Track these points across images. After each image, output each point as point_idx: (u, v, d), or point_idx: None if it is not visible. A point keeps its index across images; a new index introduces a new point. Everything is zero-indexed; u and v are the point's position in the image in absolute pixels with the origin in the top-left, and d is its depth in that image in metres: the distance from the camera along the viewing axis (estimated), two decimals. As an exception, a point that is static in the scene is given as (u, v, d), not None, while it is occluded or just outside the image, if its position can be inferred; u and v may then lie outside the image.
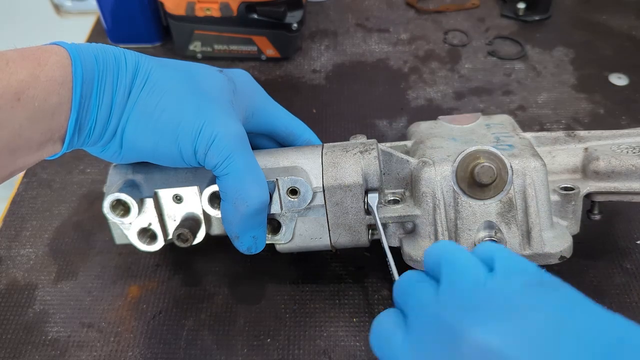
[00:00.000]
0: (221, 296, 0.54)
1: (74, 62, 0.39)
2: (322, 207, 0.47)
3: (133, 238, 0.49)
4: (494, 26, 0.85)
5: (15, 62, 0.37)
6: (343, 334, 0.50)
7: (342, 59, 0.81)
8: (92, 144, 0.43)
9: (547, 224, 0.45)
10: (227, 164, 0.43)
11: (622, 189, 0.47)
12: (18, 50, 0.38)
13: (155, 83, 0.43)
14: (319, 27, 0.87)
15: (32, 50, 0.38)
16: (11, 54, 0.37)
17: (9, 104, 0.36)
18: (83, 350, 0.50)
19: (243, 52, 0.80)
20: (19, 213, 0.62)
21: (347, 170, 0.47)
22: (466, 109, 0.72)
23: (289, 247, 0.50)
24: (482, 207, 0.45)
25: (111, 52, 0.42)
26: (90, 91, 0.40)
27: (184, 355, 0.49)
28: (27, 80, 0.37)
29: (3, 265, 0.57)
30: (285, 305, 0.53)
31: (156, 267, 0.56)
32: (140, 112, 0.42)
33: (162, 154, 0.44)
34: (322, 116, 0.72)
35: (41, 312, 0.53)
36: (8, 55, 0.37)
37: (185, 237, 0.48)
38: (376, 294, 0.53)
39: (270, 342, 0.50)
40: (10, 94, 0.36)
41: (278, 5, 0.76)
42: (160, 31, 0.84)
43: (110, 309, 0.53)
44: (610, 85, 0.74)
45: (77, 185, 0.65)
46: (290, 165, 0.47)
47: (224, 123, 0.43)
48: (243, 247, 0.46)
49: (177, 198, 0.48)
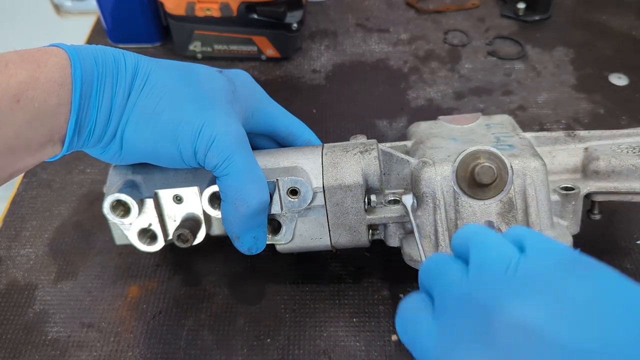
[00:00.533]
0: (221, 296, 0.54)
1: (73, 64, 0.39)
2: (323, 208, 0.47)
3: (133, 238, 0.49)
4: (494, 26, 0.85)
5: (14, 64, 0.37)
6: (343, 334, 0.50)
7: (342, 59, 0.81)
8: (92, 146, 0.43)
9: (547, 224, 0.45)
10: (227, 164, 0.43)
11: (622, 188, 0.47)
12: (17, 52, 0.38)
13: (154, 84, 0.43)
14: (319, 27, 0.87)
15: (31, 52, 0.38)
16: (10, 56, 0.37)
17: (8, 106, 0.36)
18: (83, 350, 0.50)
19: (243, 52, 0.80)
20: (19, 213, 0.62)
21: (347, 171, 0.47)
22: (466, 109, 0.72)
23: (289, 247, 0.50)
24: (482, 207, 0.45)
25: (110, 53, 0.42)
26: (89, 92, 0.40)
27: (184, 355, 0.49)
28: (26, 81, 0.37)
29: (3, 265, 0.57)
30: (285, 305, 0.53)
31: (156, 267, 0.56)
32: (140, 113, 0.42)
33: (162, 155, 0.44)
34: (322, 116, 0.72)
35: (41, 312, 0.53)
36: (7, 57, 0.37)
37: (185, 237, 0.48)
38: (376, 294, 0.53)
39: (270, 342, 0.50)
40: (9, 95, 0.36)
41: (278, 5, 0.76)
42: (160, 31, 0.84)
43: (110, 309, 0.53)
44: (610, 85, 0.74)
45: (77, 185, 0.65)
46: (291, 165, 0.47)
47: (223, 123, 0.43)
48: (244, 247, 0.46)
49: (177, 198, 0.48)
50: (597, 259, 0.57)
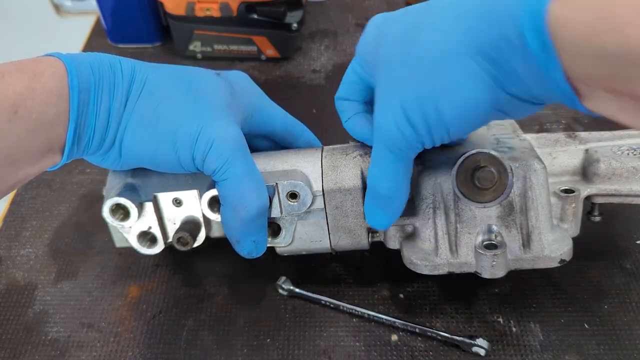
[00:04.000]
0: (221, 296, 0.54)
1: (69, 73, 0.39)
2: (322, 211, 0.47)
3: (133, 241, 0.49)
4: (494, 26, 0.85)
5: (11, 75, 0.37)
6: (343, 334, 0.50)
7: (342, 59, 0.81)
8: (91, 153, 0.43)
9: (547, 226, 0.45)
10: (225, 169, 0.43)
11: (622, 190, 0.47)
12: (13, 62, 0.38)
13: (151, 90, 0.43)
14: (319, 27, 0.87)
15: (27, 62, 0.39)
16: (7, 67, 0.37)
17: (7, 117, 0.36)
18: (83, 350, 0.50)
19: (243, 52, 0.80)
20: (19, 213, 0.62)
21: (347, 174, 0.46)
22: (466, 110, 0.72)
23: (289, 250, 0.50)
24: (482, 211, 0.45)
25: (107, 60, 0.42)
26: (87, 101, 0.40)
27: (184, 355, 0.50)
28: (23, 92, 0.37)
29: (3, 265, 0.57)
30: (285, 305, 0.53)
31: (156, 268, 0.56)
32: (137, 120, 0.43)
33: (161, 161, 0.44)
34: (322, 116, 0.72)
35: (41, 312, 0.53)
36: (3, 68, 0.37)
37: (185, 240, 0.48)
38: (376, 294, 0.53)
39: (270, 342, 0.50)
40: (7, 106, 0.36)
41: (278, 5, 0.76)
42: (160, 31, 0.84)
43: (110, 309, 0.53)
44: (610, 86, 0.74)
45: (77, 186, 0.65)
46: (290, 168, 0.47)
47: (221, 128, 0.43)
48: (244, 251, 0.46)
49: (177, 201, 0.48)
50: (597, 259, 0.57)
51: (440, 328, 0.50)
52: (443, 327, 0.50)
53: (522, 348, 0.48)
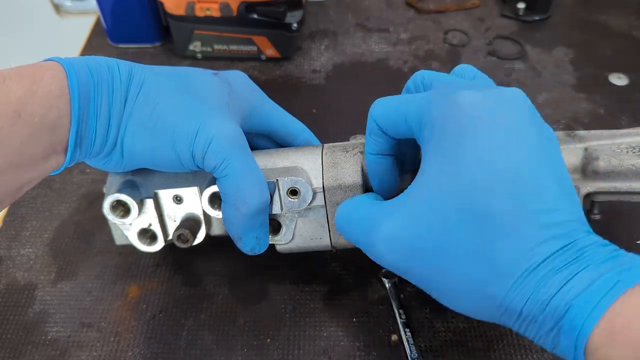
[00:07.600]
0: (221, 296, 0.54)
1: (69, 75, 0.39)
2: (323, 208, 0.47)
3: (133, 239, 0.49)
4: (494, 26, 0.85)
5: (11, 80, 0.37)
6: (343, 334, 0.50)
7: (342, 59, 0.81)
8: (94, 155, 0.44)
9: (547, 224, 0.45)
10: (225, 165, 0.43)
11: (622, 188, 0.47)
12: (13, 68, 0.38)
13: (149, 91, 0.43)
14: (319, 27, 0.87)
15: (27, 67, 0.39)
16: (7, 72, 0.37)
17: (9, 122, 0.36)
18: (83, 350, 0.50)
19: (243, 52, 0.80)
20: (19, 213, 0.62)
21: (347, 171, 0.47)
22: (466, 109, 0.72)
23: (289, 247, 0.50)
24: None
25: (104, 62, 0.42)
26: (87, 103, 0.40)
27: (184, 355, 0.50)
28: (24, 96, 0.37)
29: (3, 265, 0.57)
30: (285, 305, 0.53)
31: (156, 267, 0.56)
32: (136, 121, 0.43)
33: (162, 161, 0.44)
34: (322, 116, 0.72)
35: (41, 312, 0.53)
36: (4, 74, 0.37)
37: (185, 237, 0.48)
38: (376, 294, 0.53)
39: (270, 342, 0.50)
40: (10, 111, 0.36)
41: (278, 5, 0.76)
42: (160, 31, 0.84)
43: (110, 309, 0.53)
44: (610, 85, 0.74)
45: (77, 185, 0.65)
46: (290, 165, 0.47)
47: (219, 125, 0.43)
48: (246, 247, 0.46)
49: (177, 198, 0.48)
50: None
51: (441, 328, 0.50)
52: (443, 327, 0.50)
53: (522, 348, 0.48)
